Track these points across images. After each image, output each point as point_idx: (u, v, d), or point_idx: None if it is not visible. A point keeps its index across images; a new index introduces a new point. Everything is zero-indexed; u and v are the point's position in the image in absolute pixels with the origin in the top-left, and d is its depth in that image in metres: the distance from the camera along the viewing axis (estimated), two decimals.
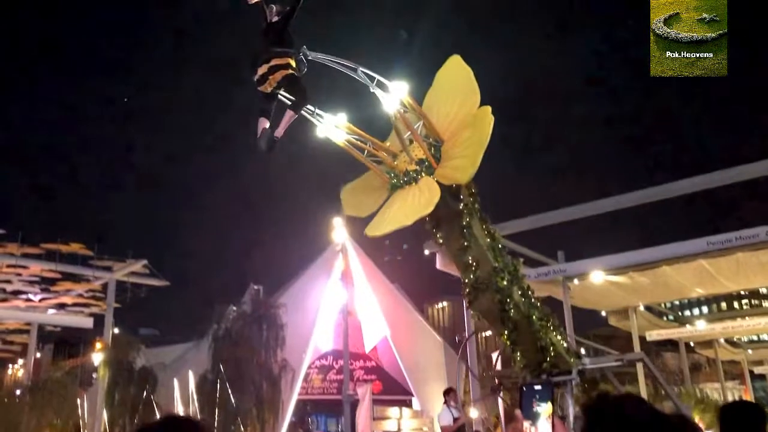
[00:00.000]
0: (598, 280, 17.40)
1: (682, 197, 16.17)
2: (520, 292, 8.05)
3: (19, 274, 24.65)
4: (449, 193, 7.54)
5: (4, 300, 27.26)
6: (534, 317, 8.03)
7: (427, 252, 17.89)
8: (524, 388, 8.20)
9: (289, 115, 7.07)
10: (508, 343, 8.20)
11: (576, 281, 17.96)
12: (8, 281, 25.35)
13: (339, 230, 20.89)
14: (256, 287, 22.68)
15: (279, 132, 7.03)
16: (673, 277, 17.50)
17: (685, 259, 16.00)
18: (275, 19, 6.75)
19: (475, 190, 8.08)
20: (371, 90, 7.12)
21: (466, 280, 7.90)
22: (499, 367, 16.34)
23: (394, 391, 26.43)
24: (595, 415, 1.88)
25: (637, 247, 16.34)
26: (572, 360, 8.32)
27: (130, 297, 27.19)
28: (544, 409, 7.89)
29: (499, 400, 13.88)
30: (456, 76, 7.96)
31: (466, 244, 7.67)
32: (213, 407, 18.67)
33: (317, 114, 7.59)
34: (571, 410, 8.18)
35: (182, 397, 21.01)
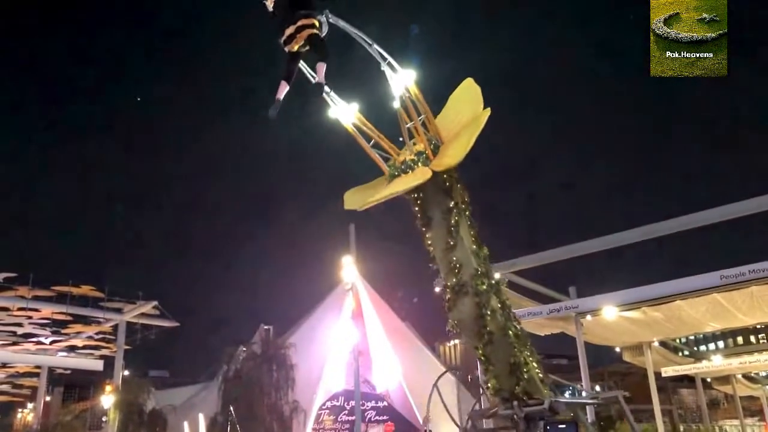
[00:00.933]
0: (611, 315, 17.22)
1: (694, 230, 16.01)
2: (499, 305, 8.19)
3: (30, 317, 24.67)
4: (442, 189, 8.06)
5: (15, 343, 27.25)
6: (510, 332, 8.10)
7: (438, 289, 17.78)
8: (548, 427, 8.14)
9: (322, 66, 7.45)
10: (483, 358, 8.20)
11: (589, 317, 17.78)
12: (19, 324, 25.37)
13: (349, 269, 20.87)
14: (266, 327, 22.60)
15: (321, 78, 7.41)
16: (687, 311, 17.29)
17: (698, 293, 15.82)
18: None
19: (467, 198, 8.41)
20: (382, 68, 7.80)
21: (449, 284, 8.13)
22: None
23: None
24: None
25: (650, 281, 16.20)
26: (545, 390, 8.25)
27: (140, 339, 27.13)
28: None
29: None
30: (467, 95, 8.53)
31: (452, 243, 7.98)
32: None
33: (332, 97, 8.26)
34: None
35: None
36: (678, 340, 26.01)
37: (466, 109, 8.43)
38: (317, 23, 7.24)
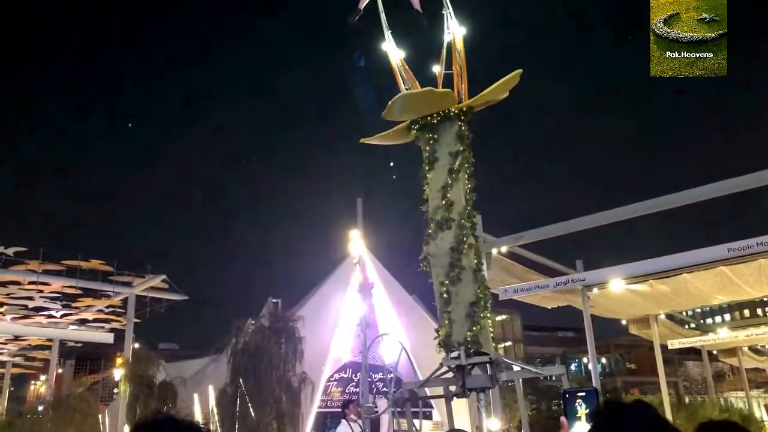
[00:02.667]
0: (617, 288, 17.24)
1: (702, 203, 15.89)
2: (474, 250, 8.76)
3: (41, 291, 24.93)
4: (456, 134, 9.06)
5: (27, 316, 27.57)
6: (478, 274, 8.66)
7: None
8: (567, 394, 8.34)
9: None
10: (445, 296, 8.54)
11: (595, 290, 17.81)
12: (30, 298, 25.65)
13: (356, 242, 20.89)
14: (274, 301, 22.72)
15: None
16: (693, 284, 17.29)
17: (705, 266, 15.79)
18: None
19: (472, 158, 9.25)
20: (442, 11, 9.63)
21: (436, 218, 8.75)
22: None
23: (413, 403, 26.27)
24: (603, 416, 1.89)
25: (657, 254, 16.15)
26: (493, 346, 8.65)
27: (149, 312, 27.39)
28: (582, 411, 7.99)
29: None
30: (509, 80, 9.35)
31: (449, 182, 8.78)
32: (233, 421, 18.69)
33: (388, 35, 9.85)
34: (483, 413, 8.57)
35: (203, 411, 21.08)
36: (685, 313, 26.03)
37: (503, 87, 9.39)
38: None
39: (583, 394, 8.04)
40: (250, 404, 18.56)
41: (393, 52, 9.84)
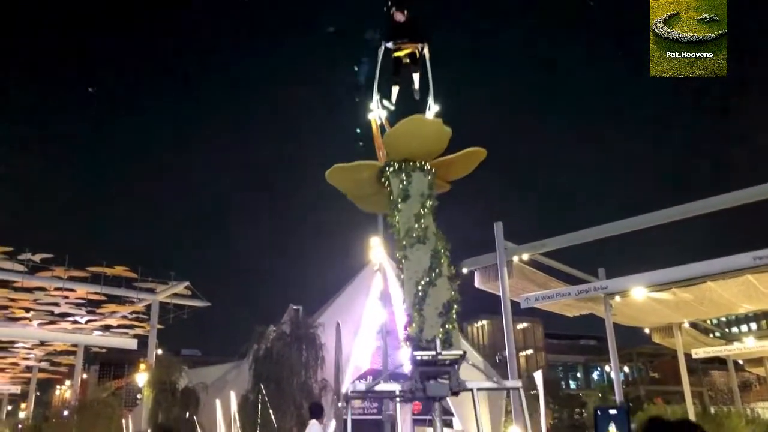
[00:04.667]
0: (640, 296, 17.09)
1: (727, 211, 15.66)
2: (448, 265, 9.02)
3: (66, 297, 25.32)
4: (426, 179, 9.47)
5: (52, 322, 28.00)
6: (453, 284, 8.83)
7: (465, 270, 17.82)
8: (598, 412, 8.37)
9: (416, 75, 10.14)
10: (420, 294, 8.67)
11: (618, 298, 17.67)
12: (56, 304, 26.05)
13: (376, 250, 20.96)
14: (295, 307, 22.82)
15: (416, 85, 10.09)
16: (717, 292, 17.08)
17: (730, 275, 15.60)
18: (402, 19, 9.68)
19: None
20: (429, 98, 10.04)
21: (414, 234, 8.99)
22: (541, 387, 16.10)
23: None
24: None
25: (679, 263, 15.97)
26: (461, 346, 8.78)
27: (172, 318, 27.67)
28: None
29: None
30: (474, 154, 9.66)
31: (423, 212, 9.16)
32: (255, 427, 18.81)
33: (379, 101, 10.20)
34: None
35: (224, 417, 21.20)
36: (709, 322, 25.71)
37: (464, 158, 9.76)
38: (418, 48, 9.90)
39: (615, 412, 8.01)
40: (271, 410, 18.67)
41: (377, 112, 10.16)
